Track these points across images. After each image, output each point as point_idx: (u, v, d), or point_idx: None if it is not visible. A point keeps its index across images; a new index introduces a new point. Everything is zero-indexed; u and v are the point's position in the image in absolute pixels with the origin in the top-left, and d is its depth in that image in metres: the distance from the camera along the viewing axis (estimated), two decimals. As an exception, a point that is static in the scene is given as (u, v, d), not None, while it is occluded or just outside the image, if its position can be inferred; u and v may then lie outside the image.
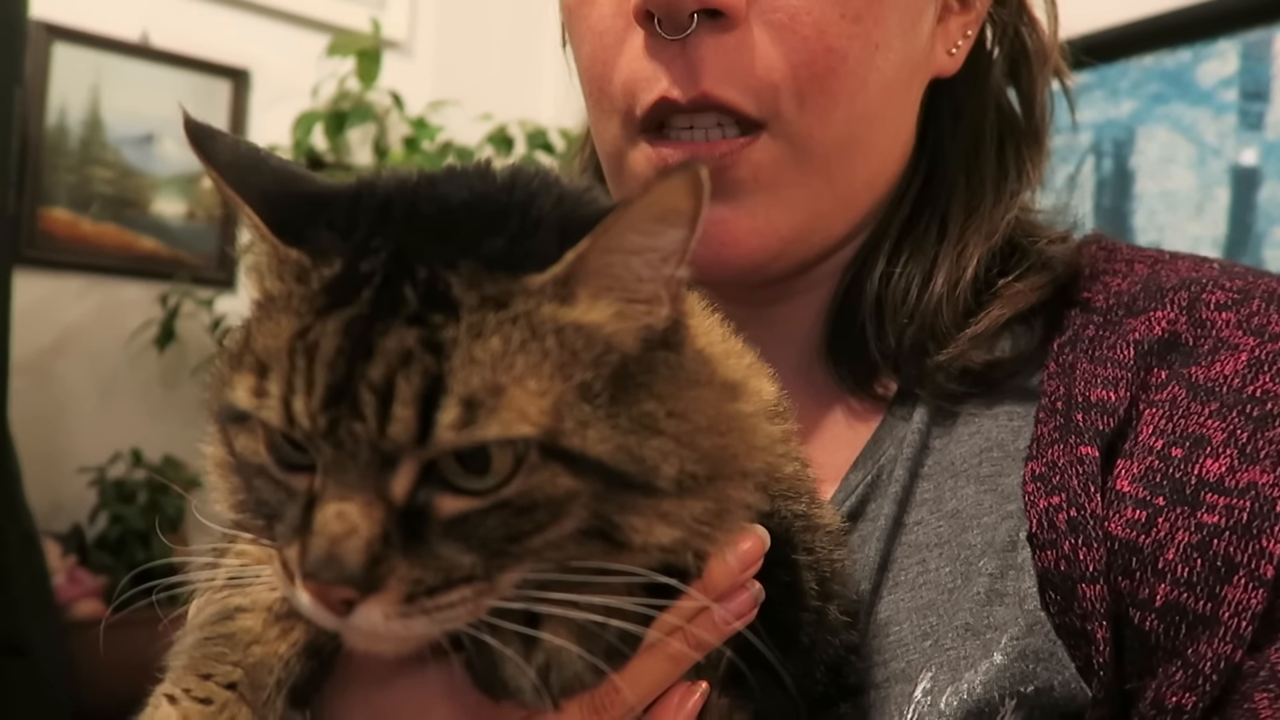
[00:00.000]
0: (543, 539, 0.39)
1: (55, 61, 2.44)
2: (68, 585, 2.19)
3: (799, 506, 0.53)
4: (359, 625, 0.39)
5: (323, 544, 0.37)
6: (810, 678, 0.52)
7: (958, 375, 0.64)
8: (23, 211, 2.38)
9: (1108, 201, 1.87)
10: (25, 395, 2.17)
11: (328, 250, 0.41)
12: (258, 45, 2.70)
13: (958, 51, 0.70)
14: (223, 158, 0.44)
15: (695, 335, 0.47)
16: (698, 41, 0.61)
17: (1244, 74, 1.71)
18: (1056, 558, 0.55)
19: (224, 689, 0.44)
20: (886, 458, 0.64)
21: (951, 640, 0.56)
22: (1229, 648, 0.51)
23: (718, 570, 0.45)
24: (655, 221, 0.40)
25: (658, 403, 0.41)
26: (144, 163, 2.59)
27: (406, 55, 2.93)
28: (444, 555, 0.38)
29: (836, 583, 0.54)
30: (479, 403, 0.37)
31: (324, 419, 0.38)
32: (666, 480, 0.41)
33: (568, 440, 0.38)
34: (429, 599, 0.38)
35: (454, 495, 0.38)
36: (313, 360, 0.38)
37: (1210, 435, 0.54)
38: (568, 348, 0.39)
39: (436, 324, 0.38)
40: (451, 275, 0.39)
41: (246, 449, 0.42)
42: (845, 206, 0.68)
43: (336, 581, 0.37)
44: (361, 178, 0.46)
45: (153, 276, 2.55)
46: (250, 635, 0.45)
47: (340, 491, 0.38)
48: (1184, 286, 0.61)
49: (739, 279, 0.67)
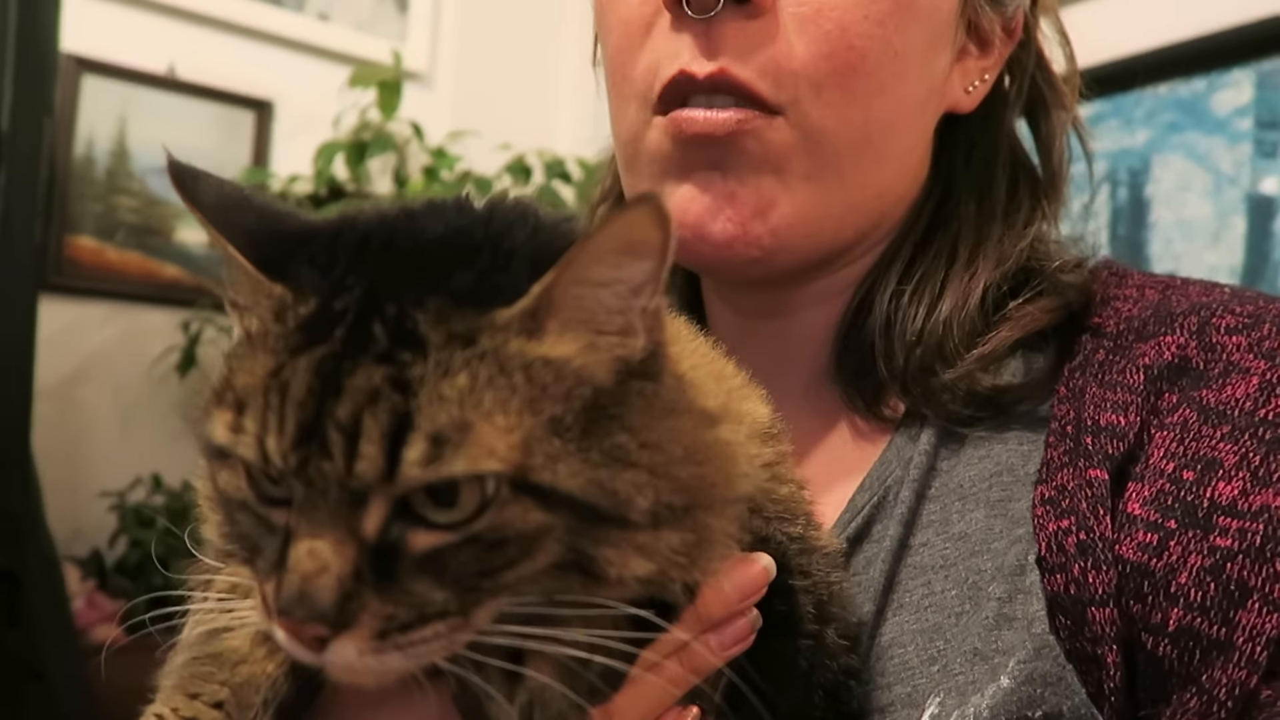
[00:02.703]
0: (515, 574, 0.39)
1: (84, 93, 2.49)
2: (87, 610, 2.20)
3: (795, 529, 0.52)
4: (333, 661, 0.39)
5: (295, 581, 0.38)
6: (808, 703, 0.52)
7: (965, 397, 0.64)
8: (49, 239, 2.42)
9: (1123, 230, 1.87)
10: (48, 421, 2.19)
11: (305, 287, 0.41)
12: (281, 77, 2.75)
13: (975, 91, 0.71)
14: (206, 198, 0.44)
15: (677, 361, 0.46)
16: (721, 23, 0.62)
17: (1259, 103, 1.71)
18: (1066, 581, 0.55)
19: (211, 708, 0.44)
20: (893, 479, 0.64)
21: (959, 665, 0.55)
22: (1244, 674, 0.50)
23: (712, 599, 0.45)
24: (619, 254, 0.40)
25: (630, 435, 0.41)
26: (168, 192, 2.59)
27: (427, 86, 2.98)
28: (416, 591, 0.38)
29: (835, 606, 0.54)
30: (446, 439, 0.37)
31: (295, 457, 0.38)
32: (640, 513, 0.40)
33: (538, 475, 0.38)
34: (402, 635, 0.39)
35: (426, 530, 0.39)
36: (285, 399, 0.38)
37: (1222, 458, 0.54)
38: (536, 383, 0.39)
39: (404, 362, 0.38)
40: (419, 313, 0.39)
41: (229, 485, 0.42)
42: (855, 210, 0.68)
43: (309, 619, 0.38)
44: (344, 213, 0.46)
45: (175, 303, 2.58)
46: (237, 655, 0.45)
47: (312, 530, 0.38)
48: (1194, 311, 0.61)
49: (742, 265, 0.67)
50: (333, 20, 2.84)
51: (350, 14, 2.88)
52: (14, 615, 1.82)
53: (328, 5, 2.84)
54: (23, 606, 1.84)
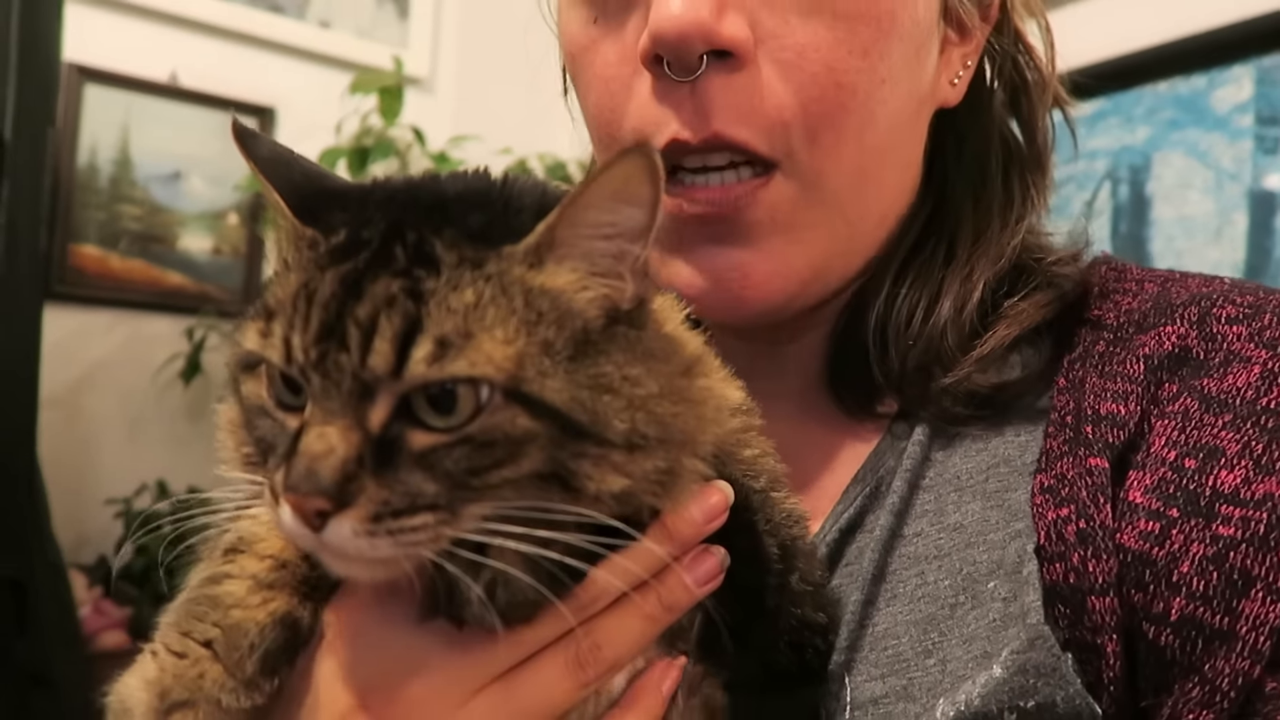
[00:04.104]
0: (501, 475, 0.43)
1: (87, 102, 2.50)
2: (93, 616, 2.21)
3: (757, 484, 0.56)
4: (330, 540, 0.42)
5: (304, 461, 0.42)
6: (774, 648, 0.54)
7: (963, 398, 0.63)
8: (54, 248, 2.43)
9: (1125, 228, 1.87)
10: (54, 429, 2.20)
11: (336, 225, 0.46)
12: (283, 84, 2.76)
13: (959, 81, 0.70)
14: (261, 152, 0.50)
15: (662, 323, 0.51)
16: (707, 83, 0.61)
17: (1259, 99, 1.71)
18: (1065, 570, 0.55)
19: (199, 645, 0.47)
20: (886, 469, 0.64)
21: (958, 659, 0.55)
22: (1247, 664, 0.50)
23: (677, 517, 0.49)
24: (613, 200, 0.45)
25: (614, 367, 0.46)
26: (172, 200, 2.64)
27: (428, 92, 2.99)
28: (410, 482, 0.43)
29: (799, 559, 0.56)
30: (450, 344, 0.42)
31: (315, 351, 0.43)
32: (616, 434, 0.45)
33: (528, 386, 0.43)
34: (394, 520, 0.42)
35: (424, 431, 0.43)
36: (311, 303, 0.43)
37: (1224, 447, 0.54)
38: (534, 307, 0.44)
39: (419, 276, 0.43)
40: (436, 239, 0.44)
41: (252, 393, 0.47)
42: (860, 242, 0.68)
43: (313, 493, 0.42)
44: (376, 179, 0.52)
45: (179, 311, 2.59)
46: (233, 599, 0.48)
47: (324, 417, 0.43)
48: (1194, 302, 0.61)
49: (758, 321, 0.67)
50: (334, 27, 2.86)
51: (351, 21, 2.89)
52: (21, 623, 1.82)
53: (329, 12, 2.85)
54: (30, 614, 1.84)
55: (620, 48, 0.65)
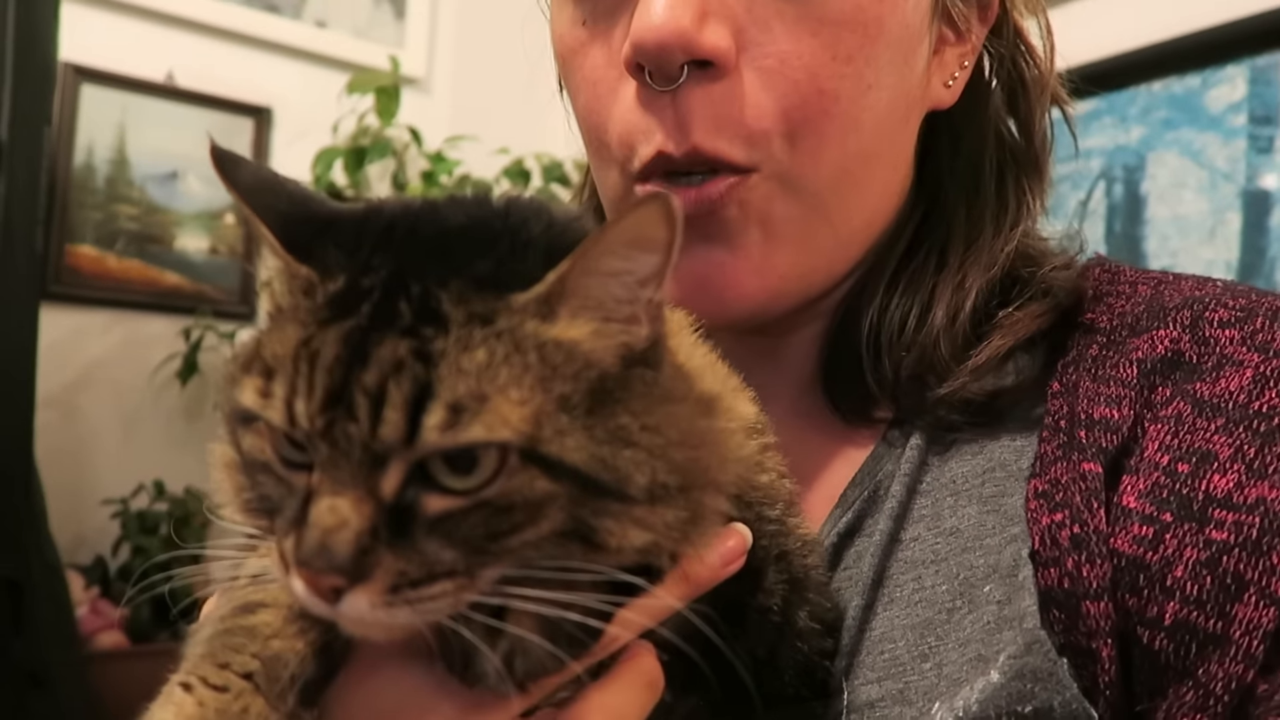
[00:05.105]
0: (521, 538, 0.42)
1: (83, 102, 2.49)
2: (90, 617, 2.21)
3: (773, 512, 0.55)
4: (346, 613, 0.41)
5: (316, 535, 0.40)
6: (779, 682, 0.54)
7: (959, 406, 0.63)
8: (50, 248, 2.42)
9: (1119, 227, 1.88)
10: (50, 429, 2.20)
11: (333, 267, 0.44)
12: (279, 84, 2.75)
13: (955, 83, 0.69)
14: (245, 182, 0.47)
15: (675, 352, 0.49)
16: (688, 93, 0.60)
17: (1253, 99, 1.71)
18: (1060, 575, 0.55)
19: (240, 678, 0.45)
20: (884, 474, 0.64)
21: (954, 663, 0.55)
22: (1240, 668, 0.50)
23: (697, 565, 0.47)
24: (629, 247, 0.43)
25: (632, 417, 0.43)
26: (168, 200, 2.63)
27: (424, 92, 2.98)
28: (428, 550, 0.41)
29: (811, 590, 0.55)
30: (464, 408, 0.40)
31: (321, 420, 0.40)
32: (638, 489, 0.43)
33: (546, 447, 0.41)
34: (412, 590, 0.41)
35: (440, 494, 0.41)
36: (314, 366, 0.41)
37: (1217, 451, 0.54)
38: (548, 362, 0.42)
39: (427, 336, 0.41)
40: (442, 292, 0.42)
41: (253, 448, 0.45)
42: (845, 245, 0.67)
43: (327, 570, 0.40)
44: (370, 202, 0.49)
45: (176, 311, 2.59)
46: (270, 629, 0.46)
47: (334, 488, 0.41)
48: (1186, 305, 0.61)
49: (742, 322, 0.67)
50: (330, 27, 2.85)
51: (348, 21, 2.88)
52: (18, 623, 1.83)
53: (325, 12, 2.85)
54: (26, 614, 1.84)
55: (608, 52, 0.65)
